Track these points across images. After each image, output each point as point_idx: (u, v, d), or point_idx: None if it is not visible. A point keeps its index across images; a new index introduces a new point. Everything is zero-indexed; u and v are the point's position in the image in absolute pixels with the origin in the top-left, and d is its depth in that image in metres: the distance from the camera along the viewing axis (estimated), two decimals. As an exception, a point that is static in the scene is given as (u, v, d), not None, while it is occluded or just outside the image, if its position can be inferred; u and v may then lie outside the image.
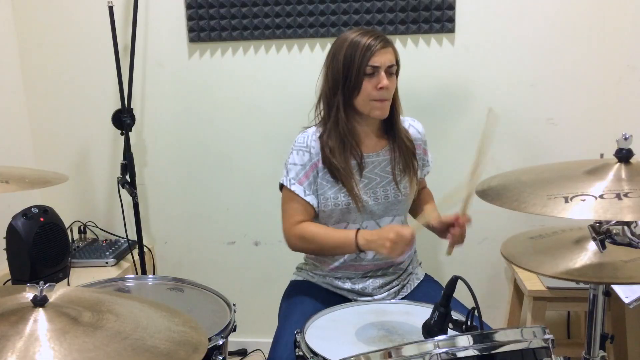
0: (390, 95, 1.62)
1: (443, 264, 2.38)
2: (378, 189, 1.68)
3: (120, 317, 0.95)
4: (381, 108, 1.61)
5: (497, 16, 2.15)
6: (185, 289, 1.65)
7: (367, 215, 1.68)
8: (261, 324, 2.46)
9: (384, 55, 1.58)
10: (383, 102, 1.61)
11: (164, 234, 2.50)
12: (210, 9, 2.23)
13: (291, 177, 1.65)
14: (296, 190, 1.64)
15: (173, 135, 2.40)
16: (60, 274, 2.08)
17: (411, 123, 1.77)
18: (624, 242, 1.14)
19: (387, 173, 1.69)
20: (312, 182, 1.65)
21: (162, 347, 0.91)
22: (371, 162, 1.69)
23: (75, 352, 0.83)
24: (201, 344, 0.95)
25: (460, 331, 1.20)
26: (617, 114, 2.16)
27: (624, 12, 2.09)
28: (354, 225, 1.68)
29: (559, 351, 1.14)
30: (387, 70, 1.59)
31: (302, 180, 1.65)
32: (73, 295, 1.01)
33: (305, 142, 1.66)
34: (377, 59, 1.57)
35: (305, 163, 1.65)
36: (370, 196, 1.67)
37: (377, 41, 1.58)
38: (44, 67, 2.38)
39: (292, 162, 1.66)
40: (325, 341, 1.33)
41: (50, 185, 1.32)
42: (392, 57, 1.61)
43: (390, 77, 1.61)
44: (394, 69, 1.62)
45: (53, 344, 0.84)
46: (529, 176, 1.21)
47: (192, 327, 1.01)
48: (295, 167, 1.66)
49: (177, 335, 0.96)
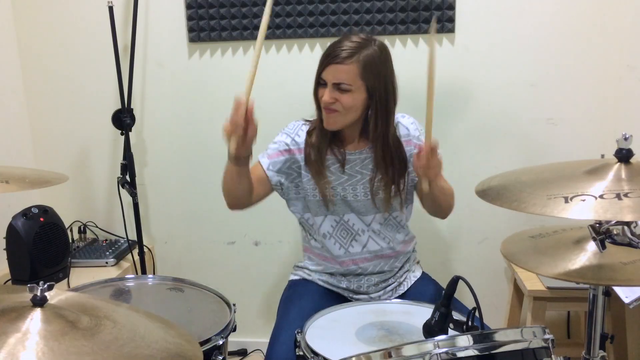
0: (339, 108, 1.58)
1: (442, 264, 2.38)
2: (358, 185, 1.69)
3: (117, 325, 0.95)
4: (327, 119, 1.62)
5: (497, 16, 2.15)
6: (185, 289, 1.65)
7: (347, 208, 1.70)
8: (261, 324, 2.47)
9: (332, 72, 1.57)
10: (329, 114, 1.60)
11: (164, 234, 2.50)
12: (210, 9, 2.23)
13: (267, 152, 1.71)
14: (262, 161, 1.70)
15: (173, 135, 2.40)
16: (60, 274, 2.08)
17: (399, 120, 1.73)
18: (624, 242, 1.14)
19: (368, 171, 1.70)
20: (282, 164, 1.69)
21: (159, 358, 0.91)
22: (353, 160, 1.70)
23: (73, 355, 0.83)
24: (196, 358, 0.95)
25: (461, 331, 1.21)
26: (617, 114, 2.16)
27: (623, 12, 2.09)
28: (333, 217, 1.72)
29: (559, 351, 1.14)
30: (337, 87, 1.57)
31: (273, 155, 1.70)
32: (72, 299, 1.01)
33: (293, 128, 1.73)
34: (325, 74, 1.59)
35: (283, 144, 1.70)
36: (349, 192, 1.69)
37: (335, 55, 1.56)
38: (44, 67, 2.38)
39: (275, 140, 1.73)
40: (325, 341, 1.33)
41: (50, 185, 1.31)
42: (344, 76, 1.55)
43: (340, 93, 1.57)
44: (343, 86, 1.56)
45: (51, 343, 0.84)
46: (529, 176, 1.21)
47: (187, 340, 1.00)
48: (274, 144, 1.72)
49: (173, 347, 0.96)
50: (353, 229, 1.72)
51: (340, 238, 1.73)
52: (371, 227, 1.72)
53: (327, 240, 1.73)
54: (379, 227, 1.72)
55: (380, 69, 1.59)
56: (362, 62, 1.56)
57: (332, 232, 1.73)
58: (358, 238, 1.72)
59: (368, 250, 1.73)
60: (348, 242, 1.73)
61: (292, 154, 1.70)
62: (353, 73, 1.56)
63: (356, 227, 1.72)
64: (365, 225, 1.72)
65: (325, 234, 1.73)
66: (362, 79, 1.56)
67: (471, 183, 1.28)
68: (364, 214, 1.71)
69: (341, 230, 1.72)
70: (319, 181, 1.67)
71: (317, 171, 1.67)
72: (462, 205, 2.25)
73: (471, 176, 1.49)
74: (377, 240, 1.73)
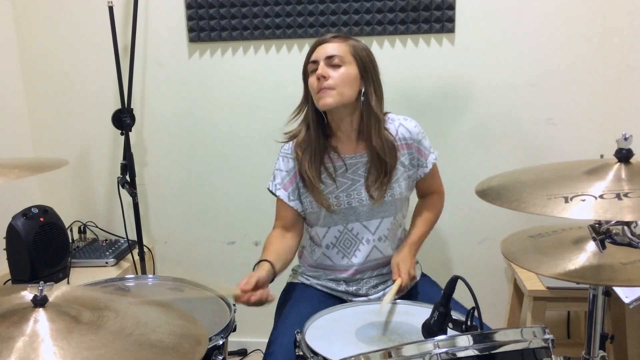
0: (332, 84, 1.58)
1: (442, 264, 2.38)
2: (362, 189, 1.67)
3: (119, 314, 0.95)
4: (322, 97, 1.60)
5: (497, 16, 2.15)
6: (185, 289, 1.65)
7: (352, 217, 1.69)
8: (261, 324, 2.46)
9: (322, 48, 1.61)
10: (324, 91, 1.59)
11: (164, 234, 2.50)
12: (210, 9, 2.23)
13: (277, 182, 1.72)
14: (281, 195, 1.71)
15: (173, 135, 2.40)
16: (60, 274, 2.08)
17: (402, 122, 1.71)
18: (624, 242, 1.14)
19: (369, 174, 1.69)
20: (296, 188, 1.70)
21: (167, 341, 0.91)
22: (353, 164, 1.68)
23: (85, 350, 0.83)
24: (202, 336, 0.96)
25: (460, 331, 1.20)
26: (617, 114, 2.16)
27: (623, 12, 2.09)
28: (336, 227, 1.70)
29: (559, 351, 1.14)
30: (328, 62, 1.59)
31: (287, 185, 1.70)
32: (69, 294, 1.00)
33: (290, 149, 1.72)
34: (315, 54, 1.62)
35: (289, 169, 1.71)
36: (354, 198, 1.67)
37: (320, 40, 1.63)
38: (44, 67, 2.38)
39: (278, 167, 1.73)
40: (325, 341, 1.33)
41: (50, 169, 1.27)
42: (334, 49, 1.59)
43: (332, 69, 1.59)
44: (335, 59, 1.58)
45: (60, 343, 0.83)
46: (529, 176, 1.21)
47: (189, 320, 1.01)
48: (280, 172, 1.72)
49: (178, 329, 0.96)
50: (357, 238, 1.70)
51: (343, 248, 1.71)
52: (376, 235, 1.70)
53: (329, 250, 1.72)
54: (386, 232, 1.70)
55: (369, 57, 1.64)
56: (351, 44, 1.62)
57: (335, 242, 1.71)
58: (362, 247, 1.70)
59: (370, 259, 1.71)
60: (352, 252, 1.70)
61: (297, 176, 1.70)
62: (343, 48, 1.61)
63: (360, 236, 1.70)
64: (370, 234, 1.70)
65: (328, 245, 1.72)
66: (352, 55, 1.61)
67: (471, 183, 1.28)
68: (369, 219, 1.69)
69: (345, 240, 1.70)
70: (312, 190, 1.66)
71: (310, 180, 1.66)
72: (462, 205, 2.26)
73: (471, 176, 1.50)
74: (381, 249, 1.71)
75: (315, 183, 1.65)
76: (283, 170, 1.71)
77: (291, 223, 1.72)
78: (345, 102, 1.60)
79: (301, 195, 1.71)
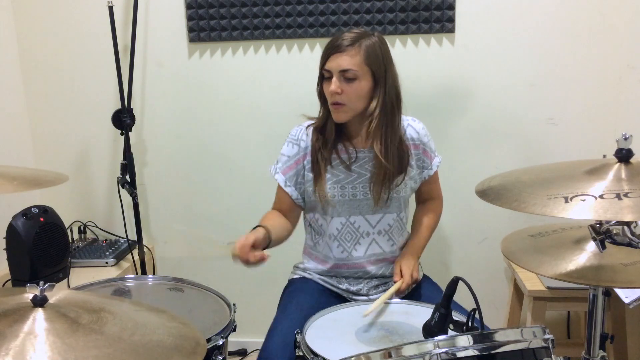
0: (345, 100, 1.58)
1: (442, 263, 2.38)
2: (370, 183, 1.68)
3: (117, 316, 0.95)
4: (335, 112, 1.62)
5: (497, 16, 2.15)
6: (185, 289, 1.65)
7: (355, 210, 1.70)
8: (261, 324, 2.46)
9: (335, 60, 1.57)
10: (337, 107, 1.60)
11: (164, 234, 2.50)
12: (210, 9, 2.23)
13: (278, 166, 1.74)
14: (278, 179, 1.73)
15: (173, 135, 2.40)
16: (60, 274, 2.08)
17: (410, 123, 1.74)
18: (624, 242, 1.14)
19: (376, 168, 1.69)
20: (296, 175, 1.71)
21: (169, 342, 0.91)
22: (363, 157, 1.69)
23: (93, 349, 0.83)
24: (199, 338, 0.96)
25: (460, 332, 1.20)
26: (617, 114, 2.16)
27: (623, 12, 2.09)
28: (339, 219, 1.70)
29: (559, 351, 1.14)
30: (342, 75, 1.57)
31: (286, 170, 1.71)
32: (66, 297, 1.00)
33: (297, 135, 1.72)
34: (329, 64, 1.59)
35: (292, 155, 1.71)
36: (359, 190, 1.68)
37: (335, 45, 1.58)
38: (44, 67, 2.38)
39: (283, 152, 1.74)
40: (325, 341, 1.33)
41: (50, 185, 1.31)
42: (348, 62, 1.55)
43: (346, 83, 1.57)
44: (349, 73, 1.56)
45: (62, 342, 0.83)
46: (529, 176, 1.21)
47: (182, 322, 1.01)
48: (283, 157, 1.73)
49: (175, 331, 0.96)
50: (358, 232, 1.71)
51: (344, 241, 1.72)
52: (377, 229, 1.71)
53: (332, 242, 1.73)
54: (387, 227, 1.72)
55: (384, 55, 1.61)
56: (365, 48, 1.57)
57: (336, 234, 1.72)
58: (362, 241, 1.71)
59: (370, 254, 1.72)
60: (352, 245, 1.72)
61: (298, 163, 1.70)
62: (357, 59, 1.57)
63: (361, 230, 1.71)
64: (371, 227, 1.71)
65: (330, 235, 1.72)
66: (367, 64, 1.57)
67: (471, 183, 1.28)
68: (372, 213, 1.70)
69: (346, 232, 1.71)
70: (317, 178, 1.67)
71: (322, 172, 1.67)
72: (462, 205, 2.26)
73: (471, 176, 1.49)
74: (381, 244, 1.72)
75: (323, 169, 1.66)
76: (285, 155, 1.72)
77: (287, 208, 1.74)
78: (358, 112, 1.63)
79: (305, 183, 1.70)
